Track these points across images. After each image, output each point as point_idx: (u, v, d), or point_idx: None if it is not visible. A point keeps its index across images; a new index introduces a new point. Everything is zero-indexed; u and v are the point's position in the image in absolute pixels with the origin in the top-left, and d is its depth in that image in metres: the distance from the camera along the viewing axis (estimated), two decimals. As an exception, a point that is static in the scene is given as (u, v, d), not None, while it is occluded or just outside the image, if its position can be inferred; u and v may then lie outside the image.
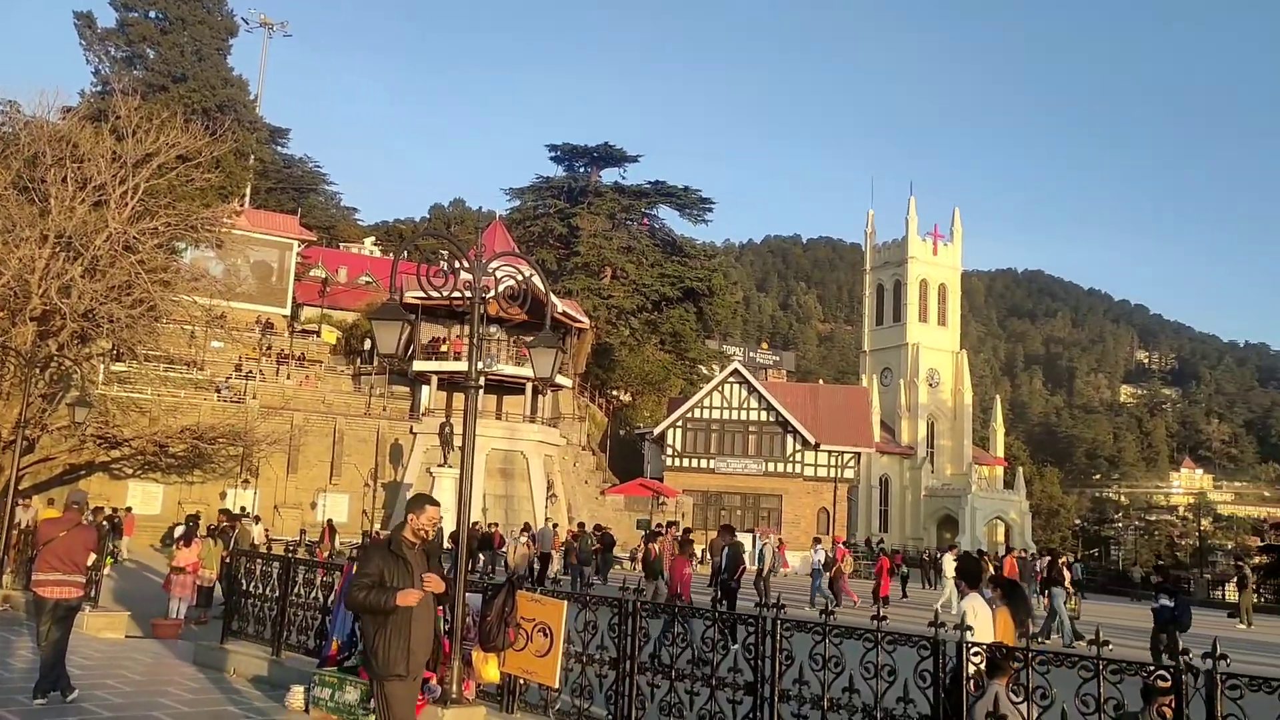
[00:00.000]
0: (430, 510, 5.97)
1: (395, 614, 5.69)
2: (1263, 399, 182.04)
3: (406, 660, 5.74)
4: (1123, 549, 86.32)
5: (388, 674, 5.73)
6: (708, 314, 68.37)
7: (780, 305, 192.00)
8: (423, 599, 5.83)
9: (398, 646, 5.71)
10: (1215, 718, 4.77)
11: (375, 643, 5.75)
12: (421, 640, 5.86)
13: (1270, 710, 4.65)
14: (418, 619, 5.79)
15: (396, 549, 5.87)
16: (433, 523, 5.94)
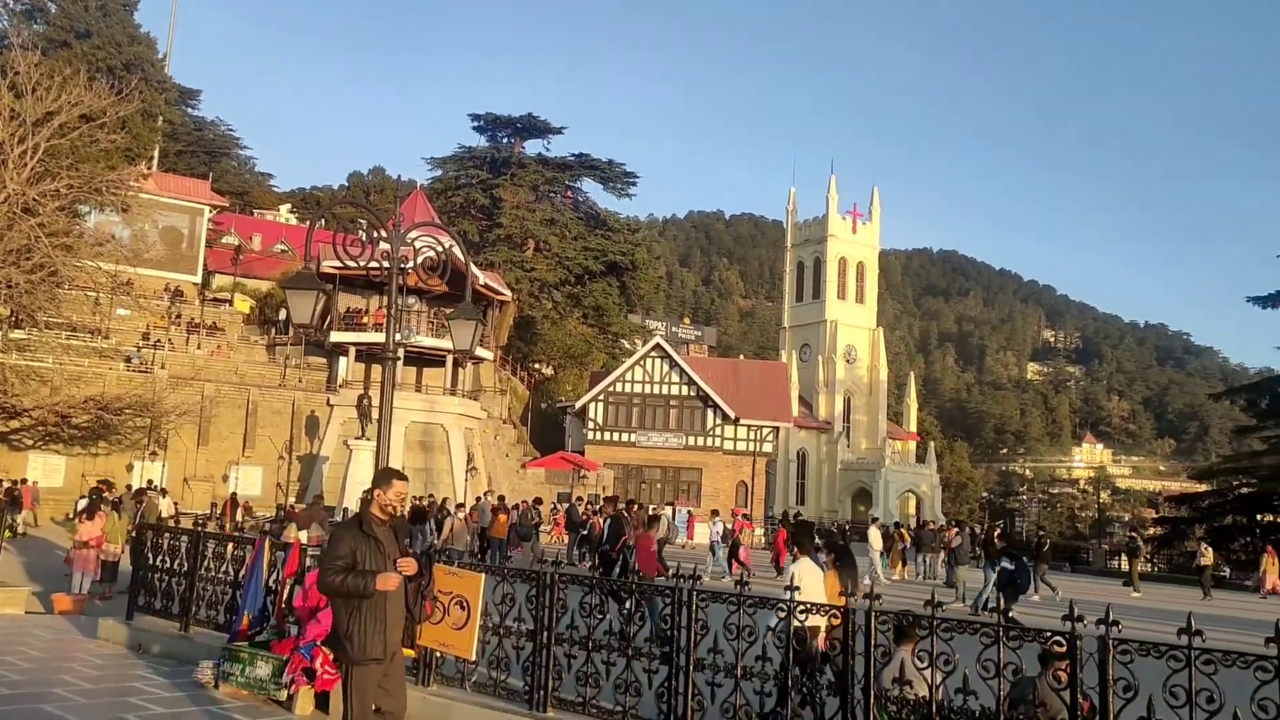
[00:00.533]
0: (398, 485, 5.79)
1: (371, 597, 5.51)
2: (1160, 377, 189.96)
3: (384, 644, 5.56)
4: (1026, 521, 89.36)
5: (364, 659, 5.52)
6: (630, 288, 68.48)
7: (703, 281, 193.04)
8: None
9: (374, 630, 5.51)
10: (1107, 681, 4.99)
11: (350, 627, 5.52)
12: (395, 619, 5.68)
13: (1158, 673, 4.87)
14: (391, 599, 5.61)
15: (368, 528, 5.65)
16: (400, 498, 5.78)
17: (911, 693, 5.69)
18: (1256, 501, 52.52)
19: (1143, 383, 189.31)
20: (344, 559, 5.54)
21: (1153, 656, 4.96)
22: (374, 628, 5.50)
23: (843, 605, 5.98)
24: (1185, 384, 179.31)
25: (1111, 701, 4.97)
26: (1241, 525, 52.03)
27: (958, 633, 5.62)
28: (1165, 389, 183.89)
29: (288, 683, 7.90)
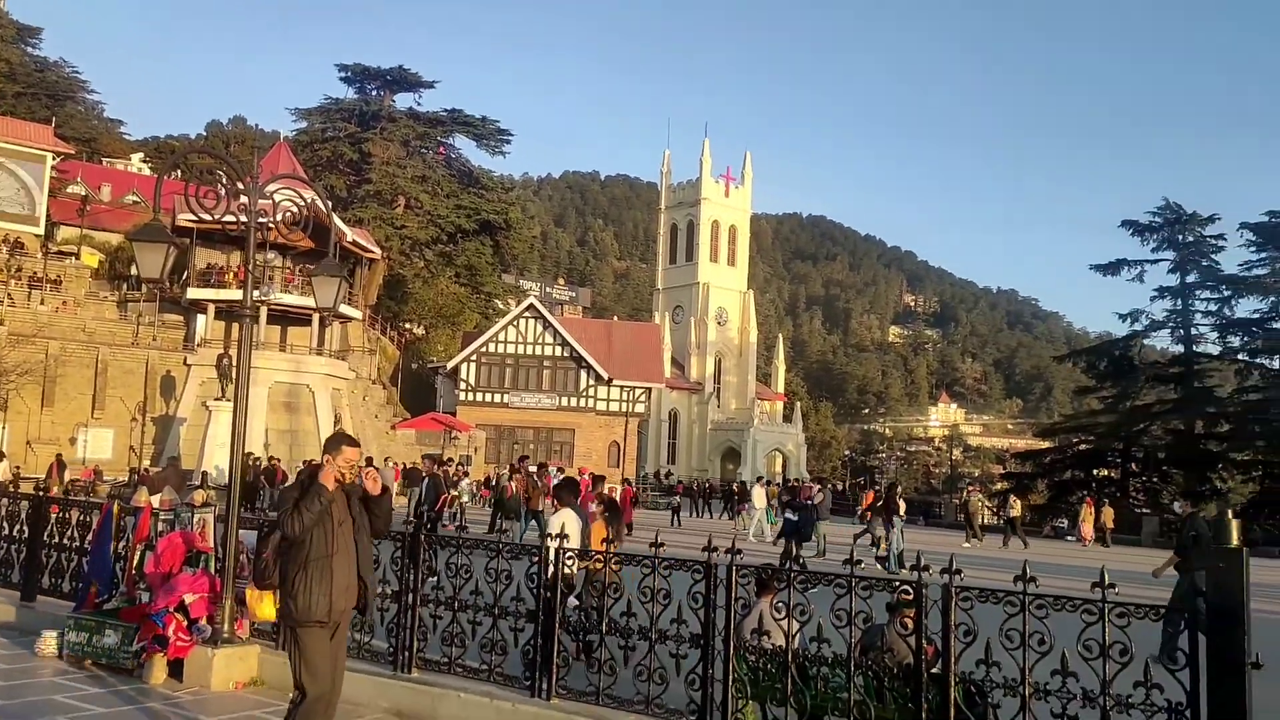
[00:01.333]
0: (348, 450, 5.52)
1: (315, 555, 5.31)
2: (1010, 340, 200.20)
3: (329, 605, 5.32)
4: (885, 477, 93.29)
5: (307, 620, 5.29)
6: (504, 248, 67.67)
7: (578, 241, 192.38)
8: (345, 539, 5.45)
9: (319, 590, 5.29)
10: (950, 626, 5.29)
11: (295, 585, 5.31)
12: (341, 584, 5.40)
13: (995, 617, 5.18)
14: (340, 561, 5.39)
15: (317, 493, 5.40)
16: (350, 464, 5.50)
17: (769, 642, 5.90)
18: (1093, 457, 56.14)
19: (994, 346, 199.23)
20: (288, 506, 5.39)
21: (991, 603, 5.27)
22: (319, 587, 5.29)
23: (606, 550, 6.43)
24: (1033, 347, 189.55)
25: (953, 645, 5.27)
26: (1080, 480, 55.50)
27: (813, 584, 5.85)
28: (1014, 352, 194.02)
29: (137, 651, 7.62)
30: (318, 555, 5.34)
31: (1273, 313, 51.59)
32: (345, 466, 5.49)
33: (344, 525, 5.48)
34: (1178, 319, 53.46)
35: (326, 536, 5.37)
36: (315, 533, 5.35)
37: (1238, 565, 4.85)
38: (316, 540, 5.36)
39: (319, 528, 5.35)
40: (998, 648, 5.15)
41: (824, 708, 5.74)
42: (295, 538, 5.37)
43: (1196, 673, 4.76)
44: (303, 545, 5.35)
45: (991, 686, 5.23)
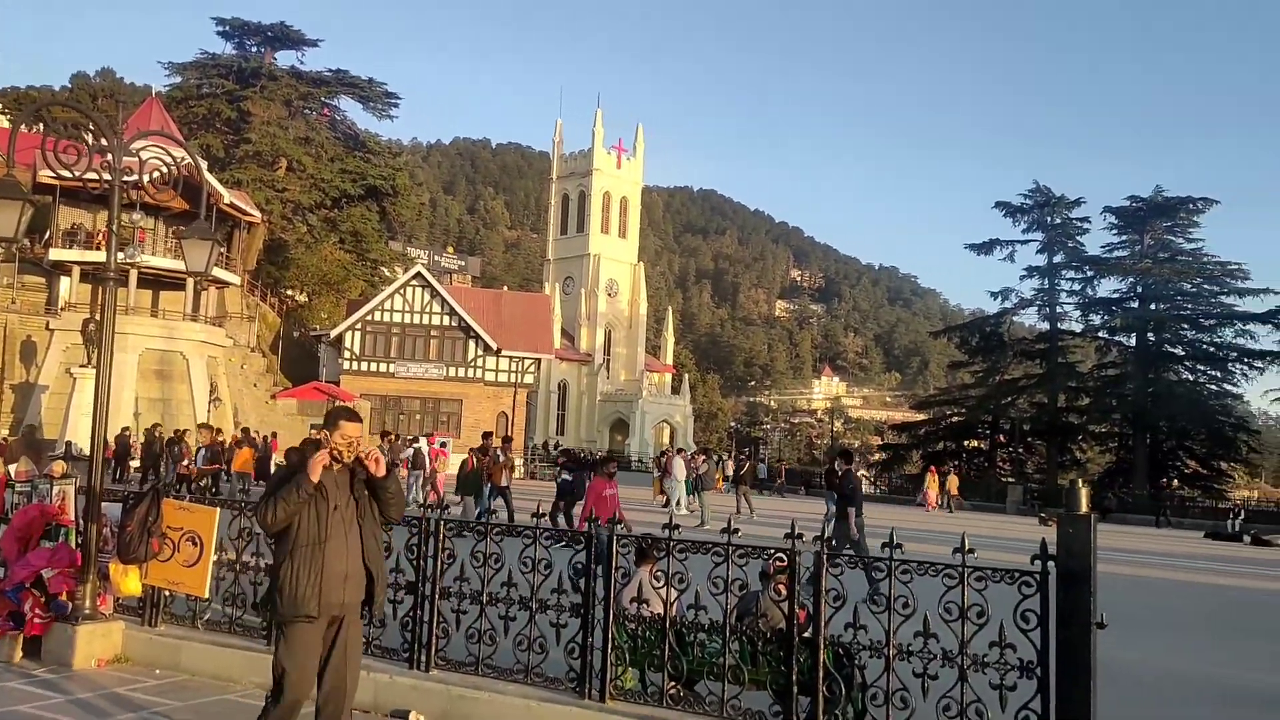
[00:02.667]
0: (345, 427, 4.96)
1: (303, 542, 4.81)
2: (890, 316, 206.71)
3: (318, 598, 4.77)
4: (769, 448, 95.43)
5: (291, 615, 4.79)
6: (391, 214, 66.13)
7: (468, 210, 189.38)
8: (342, 524, 4.90)
9: (307, 581, 4.76)
10: (820, 592, 5.48)
11: (282, 576, 4.82)
12: (337, 574, 4.85)
13: (863, 583, 5.38)
14: (334, 550, 4.84)
15: (297, 482, 4.89)
16: (347, 441, 4.92)
17: (648, 610, 6.01)
18: (965, 429, 58.61)
19: (875, 321, 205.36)
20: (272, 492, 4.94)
21: (859, 568, 5.48)
22: (306, 578, 4.77)
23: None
24: (911, 323, 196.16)
25: (824, 610, 5.46)
26: (952, 450, 57.89)
27: (692, 552, 5.97)
28: (894, 327, 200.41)
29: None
30: (306, 541, 4.83)
31: (1131, 293, 54.62)
32: (343, 444, 4.94)
33: (341, 509, 4.92)
34: (1044, 297, 56.12)
35: (319, 521, 4.85)
36: (305, 516, 4.84)
37: (1086, 531, 5.15)
38: (305, 525, 4.85)
39: (309, 511, 4.85)
40: (865, 611, 5.36)
41: (700, 672, 5.89)
42: (266, 530, 4.97)
43: (1046, 632, 5.04)
44: (288, 531, 4.85)
45: (858, 649, 5.44)
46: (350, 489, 5.00)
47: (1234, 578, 18.58)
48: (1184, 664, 9.44)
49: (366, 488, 5.03)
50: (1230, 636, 11.74)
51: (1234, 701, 8.12)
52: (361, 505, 5.02)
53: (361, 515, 5.02)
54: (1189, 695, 8.20)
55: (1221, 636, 11.71)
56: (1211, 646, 10.81)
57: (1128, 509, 43.28)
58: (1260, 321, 51.17)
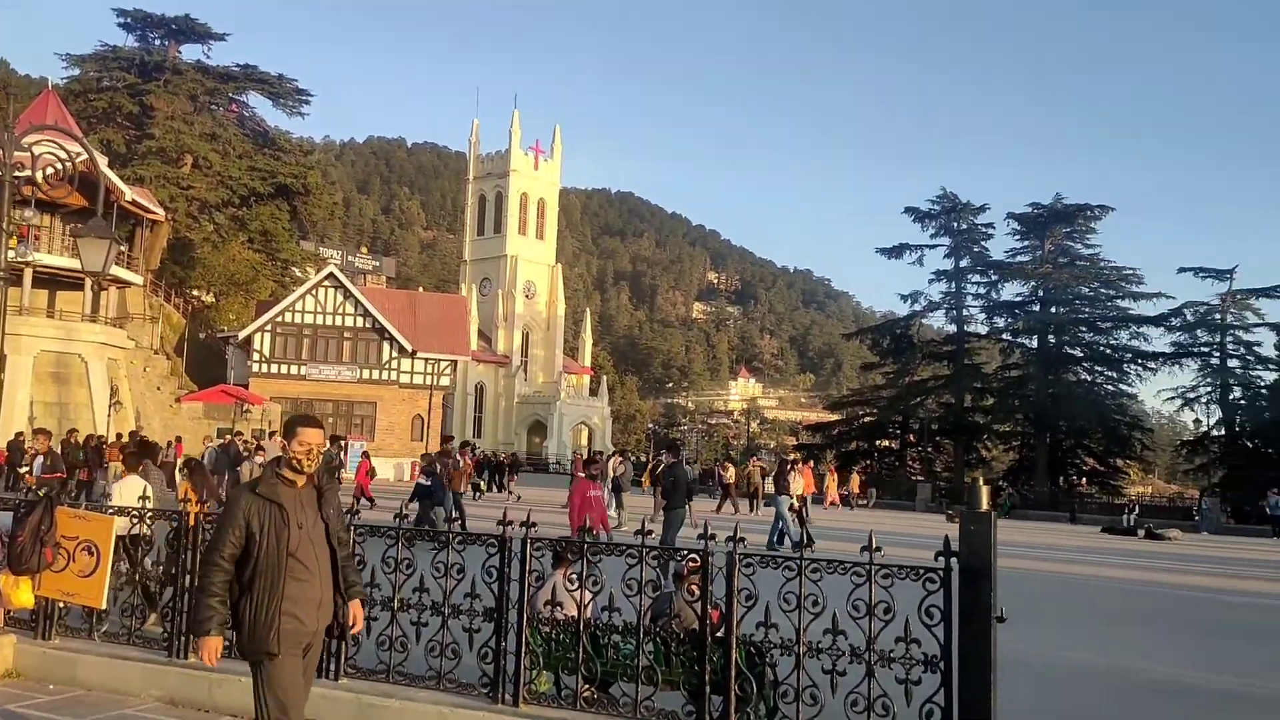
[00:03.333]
0: (303, 433, 4.49)
1: (263, 568, 4.34)
2: (804, 318, 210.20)
3: (276, 633, 4.32)
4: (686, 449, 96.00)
5: (258, 652, 4.35)
6: (303, 213, 64.72)
7: (383, 209, 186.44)
8: (309, 545, 4.44)
9: (265, 615, 4.32)
10: (733, 591, 5.54)
11: (240, 613, 4.37)
12: (309, 601, 4.42)
13: (774, 582, 5.46)
14: (297, 576, 4.39)
15: (267, 490, 4.45)
16: (306, 450, 4.47)
17: (562, 613, 6.00)
18: (876, 429, 59.84)
19: (790, 323, 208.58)
20: (229, 539, 4.35)
21: (771, 568, 5.56)
22: (268, 607, 4.32)
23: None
24: (825, 325, 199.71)
25: (735, 609, 5.53)
26: (864, 450, 59.04)
27: (607, 555, 5.98)
28: (809, 329, 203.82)
29: None
30: (266, 567, 4.34)
31: (1032, 296, 56.49)
32: (302, 453, 4.48)
33: (307, 529, 4.47)
34: (952, 301, 57.66)
35: (280, 544, 4.37)
36: (265, 538, 4.35)
37: (986, 528, 5.31)
38: (266, 548, 4.35)
39: (269, 533, 4.37)
40: (776, 610, 5.44)
41: (615, 674, 5.91)
42: (212, 561, 4.42)
43: (950, 627, 5.19)
44: (248, 557, 4.36)
45: (769, 647, 5.52)
46: (318, 507, 4.56)
47: (1129, 570, 19.36)
48: (1080, 655, 9.80)
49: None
50: (1124, 627, 12.23)
51: (1127, 689, 8.47)
52: (334, 523, 4.62)
53: (335, 534, 4.61)
54: (1084, 685, 8.52)
55: (1116, 627, 12.18)
56: (1106, 637, 11.24)
57: (1029, 505, 44.79)
58: (1153, 324, 53.39)
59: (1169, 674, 9.07)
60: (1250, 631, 12.14)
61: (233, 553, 4.36)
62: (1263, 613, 13.91)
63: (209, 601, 4.34)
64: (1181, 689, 8.49)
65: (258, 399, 44.03)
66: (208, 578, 4.38)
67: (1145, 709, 7.91)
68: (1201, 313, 52.83)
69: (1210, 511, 38.77)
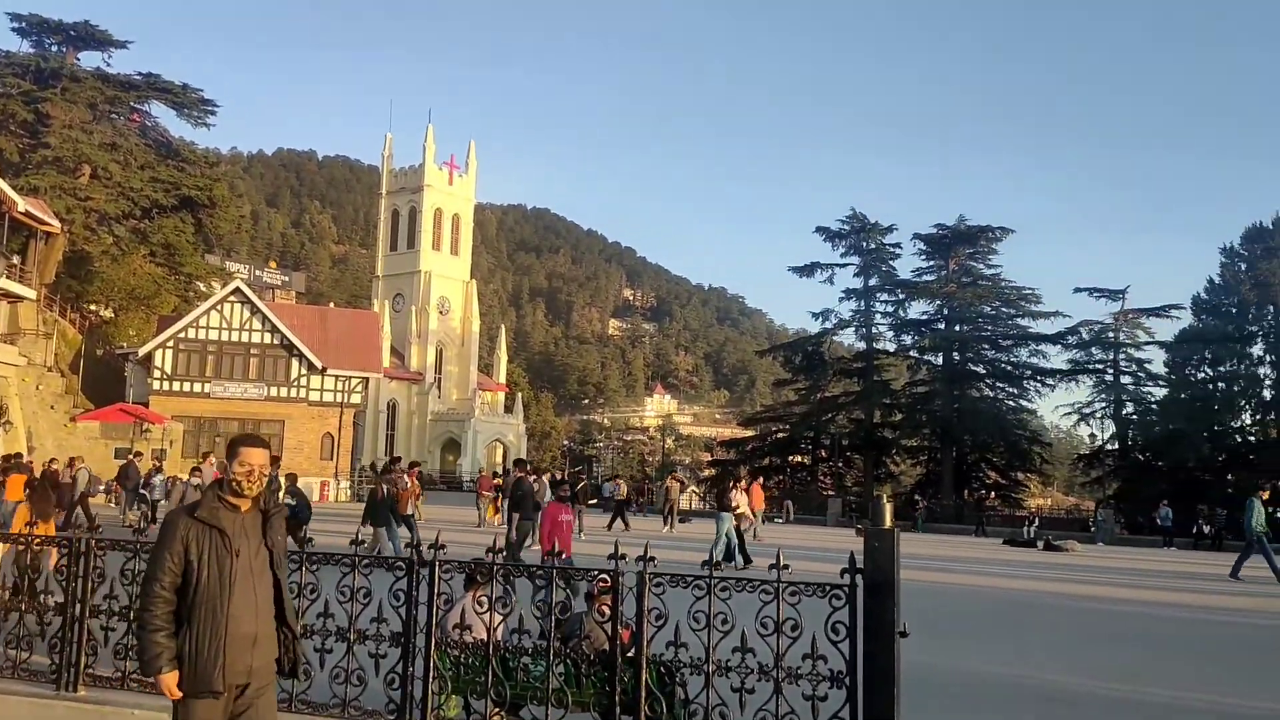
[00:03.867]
0: (245, 453, 4.23)
1: (202, 599, 4.05)
2: (719, 335, 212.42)
3: (221, 672, 4.02)
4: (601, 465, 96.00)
5: (198, 690, 4.03)
6: (208, 226, 62.90)
7: (292, 223, 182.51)
8: (249, 576, 4.14)
9: (209, 653, 4.02)
10: (643, 611, 5.57)
11: (182, 647, 4.06)
12: (244, 637, 4.09)
13: (684, 600, 5.50)
14: (239, 607, 4.09)
15: (207, 514, 4.16)
16: (248, 471, 4.21)
17: (471, 636, 5.94)
18: (789, 444, 60.73)
19: (705, 340, 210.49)
20: (167, 566, 4.08)
21: (681, 586, 5.61)
22: (209, 644, 4.03)
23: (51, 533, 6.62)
24: (739, 342, 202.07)
25: (646, 629, 5.55)
26: (777, 465, 59.83)
27: (518, 577, 5.95)
28: (723, 346, 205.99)
29: None
30: (207, 598, 4.06)
31: (938, 315, 58.12)
32: (242, 475, 4.21)
33: (249, 557, 4.17)
34: (861, 318, 58.98)
35: (220, 573, 4.09)
36: (205, 567, 4.08)
37: (890, 544, 5.44)
38: (206, 577, 4.07)
39: (210, 560, 4.08)
40: (686, 629, 5.48)
41: (525, 697, 5.87)
42: (152, 592, 4.11)
43: (855, 643, 5.29)
44: (187, 586, 4.08)
45: (679, 666, 5.55)
46: (262, 532, 4.26)
47: (1028, 581, 19.96)
48: (980, 665, 10.08)
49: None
50: (1022, 637, 12.61)
51: (1023, 698, 8.74)
52: (278, 553, 4.30)
53: (278, 563, 4.29)
54: (983, 695, 8.77)
55: (1015, 637, 12.55)
56: (1006, 647, 11.58)
57: (936, 519, 45.92)
58: (1050, 342, 55.52)
59: (1063, 682, 9.38)
60: (1141, 640, 12.64)
61: (173, 581, 4.09)
62: (1153, 622, 14.50)
63: (154, 637, 4.07)
64: (1075, 697, 8.80)
65: (158, 418, 42.59)
66: (149, 610, 4.10)
67: (1039, 717, 8.17)
68: (1096, 331, 55.15)
69: (1105, 523, 40.27)
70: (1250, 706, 8.60)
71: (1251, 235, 51.49)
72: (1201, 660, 11.12)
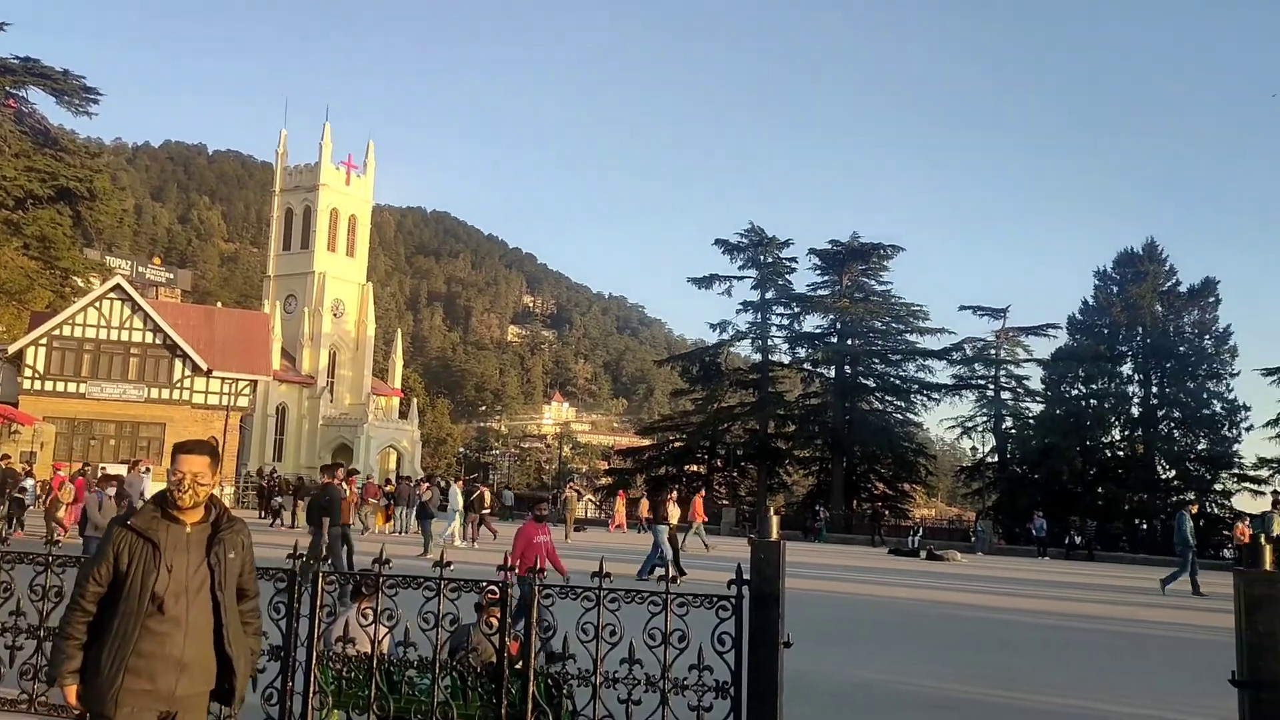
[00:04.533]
0: (182, 460, 3.94)
1: (122, 611, 3.77)
2: (619, 344, 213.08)
3: (116, 692, 3.70)
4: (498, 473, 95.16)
5: (94, 711, 3.74)
6: (88, 220, 60.04)
7: (179, 219, 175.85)
8: (183, 595, 3.82)
9: (109, 670, 3.72)
10: (532, 623, 5.55)
11: (87, 660, 3.80)
12: (168, 660, 3.77)
13: (574, 611, 5.51)
14: (165, 628, 3.77)
15: (143, 524, 3.88)
16: (179, 479, 3.89)
17: (354, 649, 5.82)
18: (685, 454, 61.27)
19: (604, 348, 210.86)
20: (94, 576, 3.84)
21: (570, 598, 5.61)
22: (110, 668, 3.72)
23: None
24: (638, 351, 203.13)
25: (534, 641, 5.54)
26: (673, 474, 60.28)
27: (403, 588, 5.85)
28: (622, 354, 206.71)
29: None
30: (124, 614, 3.78)
31: (831, 329, 59.49)
32: (173, 483, 3.92)
33: (185, 574, 3.86)
34: (758, 330, 59.94)
35: (144, 589, 3.79)
36: (132, 580, 3.80)
37: (775, 555, 5.55)
38: (130, 590, 3.80)
39: (136, 572, 3.80)
40: (575, 641, 5.48)
41: (409, 710, 5.77)
42: (74, 602, 3.87)
43: (740, 654, 5.38)
44: (115, 596, 3.82)
45: (567, 678, 5.55)
46: (206, 548, 3.94)
47: (911, 590, 20.58)
48: (862, 673, 10.34)
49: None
50: (903, 644, 12.99)
51: (906, 705, 8.99)
52: (222, 571, 3.96)
53: (221, 584, 3.95)
54: (865, 702, 9.00)
55: (896, 645, 12.92)
56: (887, 655, 11.91)
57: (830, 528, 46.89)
58: (937, 358, 57.44)
59: (941, 689, 9.70)
60: (1017, 646, 13.15)
61: (96, 591, 3.83)
62: (1026, 629, 15.10)
63: (63, 645, 3.86)
64: (953, 702, 9.10)
65: (28, 419, 40.51)
66: (66, 620, 3.89)
67: (920, 723, 8.43)
68: (979, 348, 57.32)
69: (984, 533, 41.79)
70: (1120, 712, 9.04)
71: (1122, 260, 54.17)
72: (1078, 666, 11.64)
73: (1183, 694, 9.94)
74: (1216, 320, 51.72)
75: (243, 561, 4.09)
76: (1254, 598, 4.94)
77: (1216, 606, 17.43)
